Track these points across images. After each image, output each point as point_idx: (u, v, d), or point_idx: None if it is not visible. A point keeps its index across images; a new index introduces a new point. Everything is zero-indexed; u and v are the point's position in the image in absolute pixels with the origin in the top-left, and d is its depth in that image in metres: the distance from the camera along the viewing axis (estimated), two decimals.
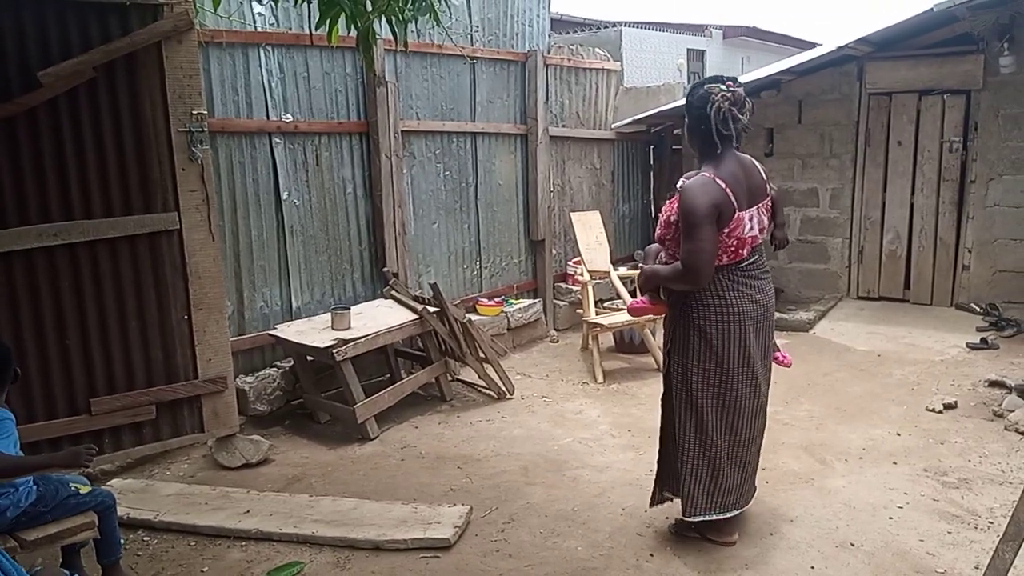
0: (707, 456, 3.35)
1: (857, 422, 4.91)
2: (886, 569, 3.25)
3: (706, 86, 3.21)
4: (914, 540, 3.47)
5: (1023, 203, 7.23)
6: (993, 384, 5.39)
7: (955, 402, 5.11)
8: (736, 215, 3.14)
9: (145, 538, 3.65)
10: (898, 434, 4.70)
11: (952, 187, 7.56)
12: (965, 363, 6.05)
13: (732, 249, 3.20)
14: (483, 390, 5.64)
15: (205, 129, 4.14)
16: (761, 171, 3.33)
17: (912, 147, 7.67)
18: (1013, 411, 4.76)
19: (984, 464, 4.25)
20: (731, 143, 3.22)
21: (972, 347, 6.40)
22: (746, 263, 3.28)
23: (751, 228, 3.22)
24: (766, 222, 3.33)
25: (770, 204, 3.35)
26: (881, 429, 4.78)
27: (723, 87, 3.18)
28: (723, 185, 3.12)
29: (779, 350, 3.82)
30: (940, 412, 5.00)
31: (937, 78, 7.43)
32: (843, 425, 4.87)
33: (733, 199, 3.12)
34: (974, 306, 7.38)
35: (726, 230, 3.14)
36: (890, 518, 3.68)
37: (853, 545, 3.44)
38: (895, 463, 4.30)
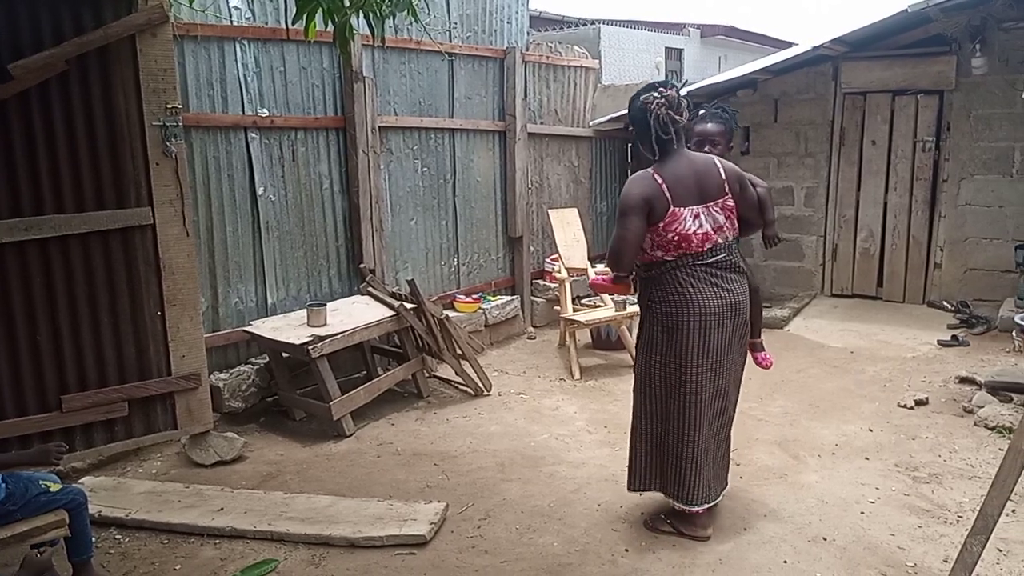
0: (668, 445, 3.43)
1: (830, 418, 4.97)
2: (857, 563, 3.29)
3: (642, 97, 3.35)
4: (885, 534, 3.52)
5: (994, 202, 7.34)
6: (963, 380, 5.47)
7: (926, 398, 5.18)
8: (671, 210, 3.25)
9: (117, 536, 3.61)
10: (870, 430, 4.76)
11: (925, 186, 7.67)
12: (936, 360, 6.14)
13: (674, 243, 3.29)
14: (460, 387, 5.64)
15: (179, 123, 4.10)
16: (722, 171, 3.36)
17: (886, 146, 7.77)
18: (983, 407, 4.84)
19: (954, 459, 4.31)
20: (672, 144, 3.32)
21: (943, 344, 6.49)
22: (707, 259, 3.34)
23: (698, 225, 3.29)
24: (722, 220, 3.35)
25: (731, 203, 3.37)
26: (854, 425, 4.84)
27: (656, 94, 3.31)
28: (659, 181, 3.26)
29: (763, 351, 3.88)
30: (911, 408, 5.07)
31: (911, 78, 7.52)
32: (816, 421, 4.92)
33: (668, 195, 3.25)
34: (945, 304, 7.49)
35: (661, 224, 3.26)
36: (862, 513, 3.72)
37: (825, 540, 3.48)
38: (867, 459, 4.35)
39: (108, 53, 3.89)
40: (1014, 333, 6.06)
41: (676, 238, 3.28)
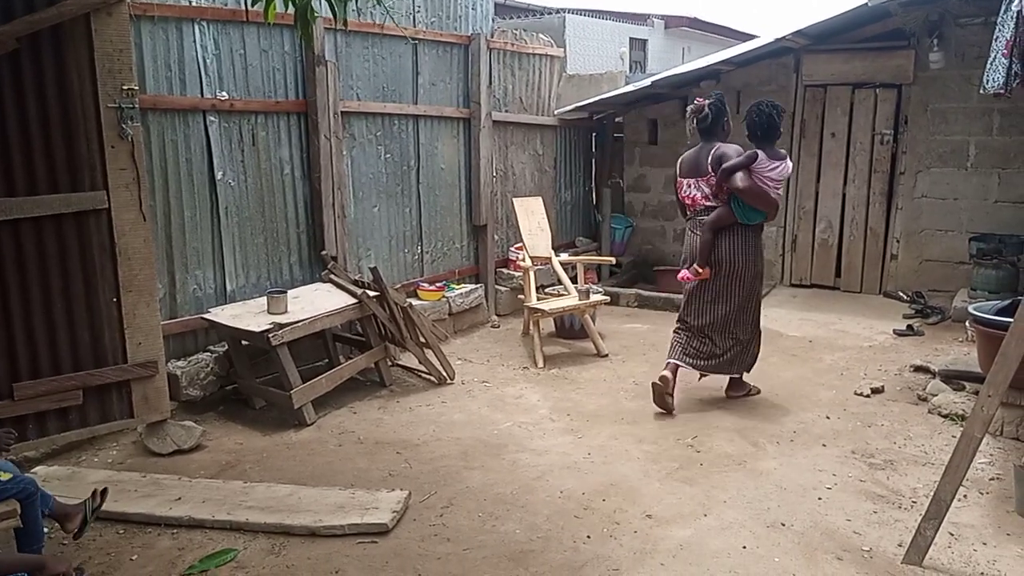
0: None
1: (788, 406, 5.04)
2: (815, 548, 3.34)
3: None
4: (841, 520, 3.58)
5: (949, 195, 7.49)
6: (918, 369, 5.59)
7: (882, 387, 5.28)
8: (676, 180, 5.05)
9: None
10: (827, 417, 4.84)
11: (882, 178, 7.79)
12: (892, 349, 6.26)
13: (687, 200, 4.98)
14: (423, 375, 5.62)
15: (136, 105, 4.02)
16: (713, 155, 4.77)
17: (845, 139, 7.88)
18: (936, 395, 4.94)
19: (909, 446, 4.40)
20: (701, 137, 4.90)
21: (899, 333, 6.62)
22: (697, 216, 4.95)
23: (689, 189, 4.94)
24: (706, 190, 4.84)
25: (712, 179, 4.78)
26: (811, 413, 4.91)
27: (692, 106, 4.90)
28: (679, 161, 5.05)
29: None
30: (868, 396, 5.17)
31: (870, 72, 7.63)
32: (775, 409, 4.99)
33: (677, 169, 5.05)
34: (901, 294, 7.63)
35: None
36: (819, 499, 3.78)
37: (784, 525, 3.53)
38: (824, 445, 4.42)
39: (62, 32, 3.79)
40: (967, 323, 6.18)
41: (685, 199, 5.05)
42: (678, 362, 4.97)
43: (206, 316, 4.96)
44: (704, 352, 4.99)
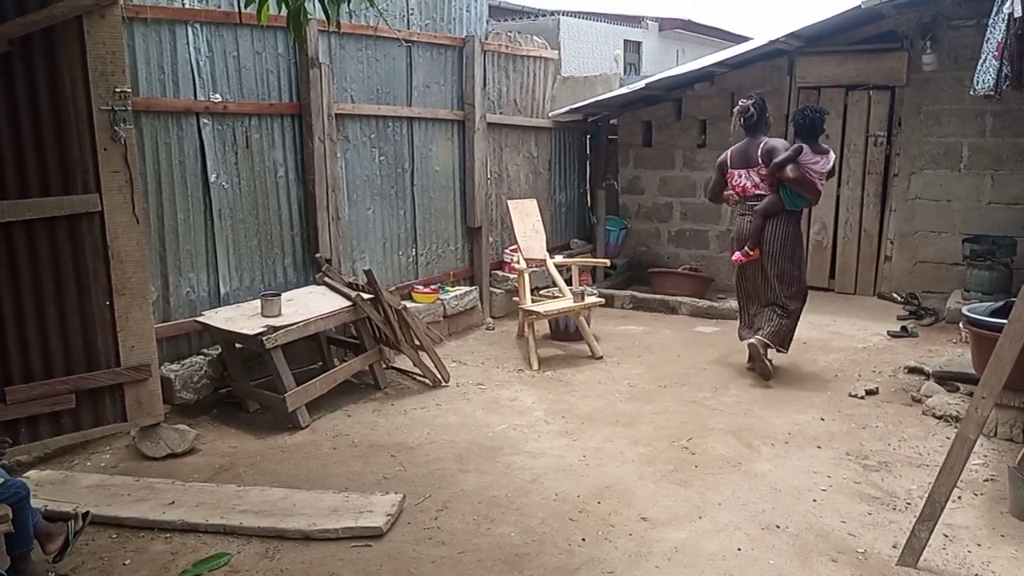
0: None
1: (783, 408, 5.04)
2: (810, 550, 3.34)
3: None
4: (836, 521, 3.58)
5: (942, 196, 7.51)
6: (912, 371, 5.59)
7: (876, 388, 5.29)
8: (728, 171, 5.63)
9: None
10: (822, 419, 4.84)
11: (876, 180, 7.81)
12: (886, 350, 6.27)
13: (738, 188, 5.60)
14: (418, 378, 5.61)
15: (129, 108, 4.00)
16: (763, 149, 5.42)
17: (839, 140, 7.88)
18: (931, 396, 4.95)
19: (903, 448, 4.41)
20: (747, 133, 5.56)
21: (893, 335, 6.63)
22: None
23: (739, 179, 5.56)
24: (756, 179, 5.48)
25: (762, 169, 5.41)
26: (806, 414, 4.92)
27: (738, 107, 5.55)
28: (728, 153, 5.66)
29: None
30: (862, 398, 5.17)
31: (864, 74, 7.65)
32: (769, 411, 4.99)
33: (728, 161, 5.63)
34: (895, 295, 7.65)
35: (726, 177, 5.67)
36: (814, 500, 3.78)
37: (779, 527, 3.53)
38: (819, 447, 4.43)
39: (54, 34, 3.78)
40: (961, 324, 6.20)
41: (735, 187, 5.68)
42: (751, 340, 5.57)
43: (199, 319, 4.95)
44: (756, 325, 5.62)
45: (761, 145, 5.44)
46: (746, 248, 5.53)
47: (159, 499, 3.72)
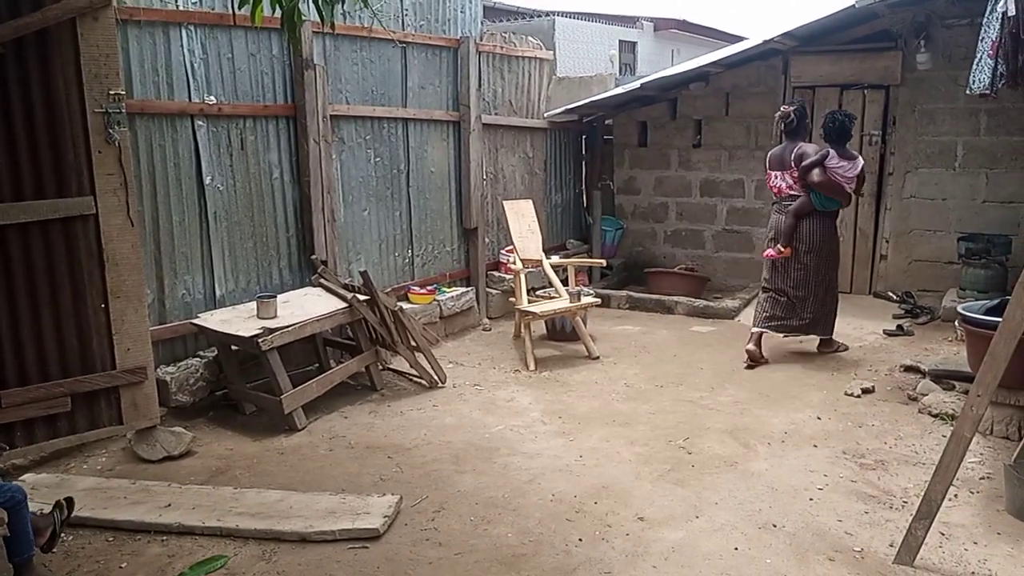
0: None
1: (779, 407, 5.05)
2: (806, 549, 3.35)
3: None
4: (833, 520, 3.59)
5: (937, 195, 7.52)
6: (908, 369, 5.60)
7: (872, 387, 5.30)
8: (767, 172, 6.03)
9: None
10: (818, 418, 4.85)
11: (871, 179, 7.80)
12: (882, 349, 6.28)
13: (775, 189, 5.97)
14: (414, 379, 5.60)
15: (123, 110, 3.99)
16: (795, 153, 5.70)
17: None
18: (926, 395, 4.96)
19: (899, 446, 4.42)
20: (786, 137, 5.82)
21: (889, 334, 6.64)
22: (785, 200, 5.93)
23: (776, 180, 5.91)
24: (790, 181, 5.78)
25: (795, 172, 5.70)
26: (802, 413, 4.92)
27: (779, 113, 5.87)
28: (768, 155, 6.02)
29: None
30: (858, 396, 5.18)
31: (858, 73, 7.65)
32: (766, 410, 5.00)
33: (767, 163, 6.01)
34: (891, 294, 7.66)
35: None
36: (810, 499, 3.79)
37: (775, 526, 3.53)
38: (815, 446, 4.43)
39: (47, 37, 3.77)
40: (956, 323, 6.21)
41: (773, 187, 6.07)
42: (761, 329, 5.95)
43: (195, 321, 4.94)
44: (786, 316, 5.95)
45: (795, 149, 5.72)
46: (778, 246, 5.83)
47: (155, 502, 3.72)
